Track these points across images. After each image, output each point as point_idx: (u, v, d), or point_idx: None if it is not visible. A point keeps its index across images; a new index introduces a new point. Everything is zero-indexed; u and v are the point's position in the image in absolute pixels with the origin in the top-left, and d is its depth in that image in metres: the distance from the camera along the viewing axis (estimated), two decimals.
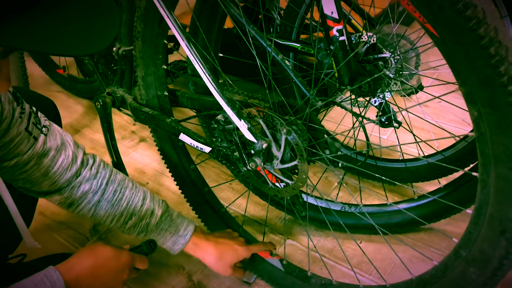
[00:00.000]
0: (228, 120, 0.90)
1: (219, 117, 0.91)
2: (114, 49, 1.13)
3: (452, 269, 0.77)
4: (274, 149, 0.87)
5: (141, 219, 0.96)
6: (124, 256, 0.90)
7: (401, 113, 1.16)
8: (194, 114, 1.12)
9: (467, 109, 0.63)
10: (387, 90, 1.14)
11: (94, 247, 0.87)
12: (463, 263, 0.74)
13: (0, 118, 0.73)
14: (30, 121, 0.80)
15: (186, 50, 0.88)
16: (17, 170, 0.82)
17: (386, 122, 1.37)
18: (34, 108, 0.83)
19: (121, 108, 1.21)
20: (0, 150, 0.77)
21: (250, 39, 0.90)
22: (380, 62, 1.13)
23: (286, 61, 0.90)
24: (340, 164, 0.98)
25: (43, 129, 0.84)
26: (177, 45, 1.59)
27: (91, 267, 0.83)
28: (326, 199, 1.29)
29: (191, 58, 0.87)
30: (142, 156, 1.65)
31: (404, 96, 1.32)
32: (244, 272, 1.12)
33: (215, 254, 1.02)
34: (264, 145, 0.86)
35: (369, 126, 1.54)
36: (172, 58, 1.37)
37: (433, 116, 1.65)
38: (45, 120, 0.86)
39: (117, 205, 0.93)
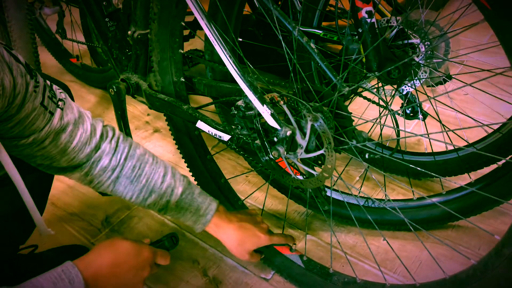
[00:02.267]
0: (249, 106, 0.85)
1: (240, 102, 0.85)
2: (129, 32, 1.08)
3: (493, 269, 0.71)
4: (298, 137, 0.82)
5: (161, 197, 0.91)
6: (145, 251, 0.84)
7: (430, 102, 1.09)
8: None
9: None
10: (415, 78, 1.08)
11: (113, 242, 0.82)
12: (506, 262, 0.68)
13: (13, 93, 0.67)
14: (45, 95, 0.74)
15: (206, 30, 0.83)
16: (35, 147, 0.77)
17: (411, 114, 1.30)
18: (48, 82, 0.78)
19: (135, 96, 1.16)
20: (16, 128, 0.72)
21: (274, 20, 0.84)
22: (409, 49, 1.07)
23: (312, 44, 0.84)
24: (366, 155, 0.92)
25: (59, 103, 0.78)
26: (193, 33, 1.54)
27: (111, 264, 0.78)
28: (349, 193, 1.23)
29: (211, 38, 0.82)
30: (156, 147, 1.60)
31: (432, 86, 1.25)
32: (261, 257, 1.07)
33: (236, 238, 0.97)
34: (288, 133, 0.80)
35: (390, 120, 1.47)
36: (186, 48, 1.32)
37: (460, 109, 1.58)
38: (60, 93, 0.80)
39: (136, 182, 0.88)
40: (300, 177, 0.90)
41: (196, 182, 1.19)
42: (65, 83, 1.01)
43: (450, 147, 1.23)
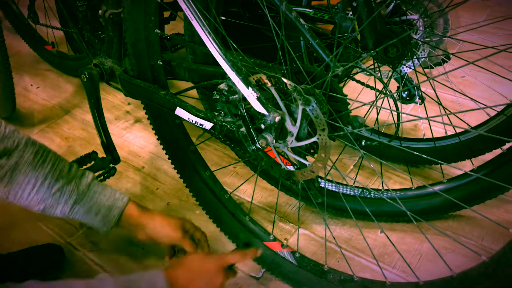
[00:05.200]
0: (232, 90, 0.76)
1: (222, 86, 0.76)
2: (100, 12, 0.98)
3: (506, 266, 0.64)
4: (288, 124, 0.73)
5: (70, 181, 0.82)
6: (213, 259, 0.83)
7: (430, 83, 1.01)
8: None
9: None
10: (414, 57, 1.00)
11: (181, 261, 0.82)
12: None
13: None
14: None
15: (181, 4, 0.73)
16: None
17: (407, 98, 1.23)
18: None
19: (110, 82, 1.06)
20: None
21: None
22: (406, 26, 0.99)
23: (301, 21, 0.75)
24: (363, 143, 0.84)
25: None
26: (174, 14, 1.44)
27: (188, 279, 0.78)
28: (344, 184, 1.15)
29: (187, 12, 0.73)
30: (137, 138, 1.51)
31: (430, 67, 1.17)
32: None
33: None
34: (277, 119, 0.72)
35: (385, 104, 1.39)
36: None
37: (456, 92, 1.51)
38: None
39: (40, 167, 0.79)
40: (291, 168, 0.82)
41: (178, 176, 1.11)
42: (41, 73, 0.92)
43: (450, 132, 1.15)
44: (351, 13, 0.98)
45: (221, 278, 0.81)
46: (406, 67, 1.04)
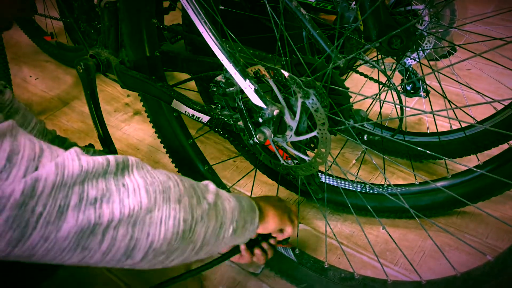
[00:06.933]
0: (230, 82, 0.73)
1: (219, 77, 0.74)
2: (96, 1, 0.95)
3: None
4: (287, 117, 0.71)
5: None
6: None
7: (435, 76, 0.98)
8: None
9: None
10: (420, 49, 0.96)
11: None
12: None
13: None
14: None
15: None
16: None
17: (411, 91, 1.20)
18: None
19: (107, 74, 1.04)
20: None
21: None
22: (411, 16, 0.96)
23: (302, 10, 0.72)
24: (365, 137, 0.81)
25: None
26: (173, 5, 1.41)
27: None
28: (345, 179, 1.13)
29: (183, 1, 0.70)
30: (136, 130, 1.49)
31: (436, 59, 1.14)
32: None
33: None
34: (276, 112, 0.69)
35: (388, 97, 1.35)
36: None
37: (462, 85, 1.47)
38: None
39: None
40: (291, 163, 0.80)
41: (177, 170, 1.08)
42: (40, 64, 0.92)
43: (455, 127, 1.12)
44: (354, 3, 0.95)
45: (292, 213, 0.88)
46: (411, 59, 1.01)
